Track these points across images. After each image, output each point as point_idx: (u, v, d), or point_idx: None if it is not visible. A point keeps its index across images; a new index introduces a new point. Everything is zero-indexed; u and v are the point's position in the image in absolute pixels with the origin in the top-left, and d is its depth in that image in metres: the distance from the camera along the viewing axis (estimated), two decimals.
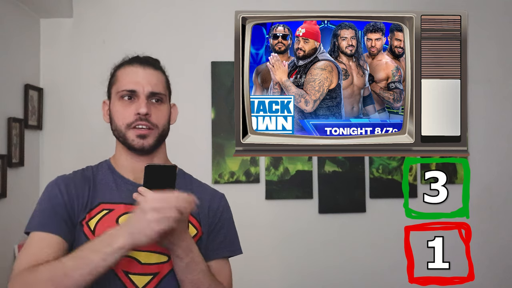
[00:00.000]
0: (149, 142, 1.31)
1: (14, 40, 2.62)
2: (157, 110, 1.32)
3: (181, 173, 1.42)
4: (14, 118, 2.56)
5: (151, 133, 1.31)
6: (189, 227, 1.32)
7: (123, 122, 1.30)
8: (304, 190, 2.93)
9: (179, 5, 2.96)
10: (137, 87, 1.31)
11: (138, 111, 1.28)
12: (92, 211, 1.29)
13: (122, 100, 1.32)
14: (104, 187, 1.33)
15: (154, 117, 1.31)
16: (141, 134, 1.30)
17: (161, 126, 1.33)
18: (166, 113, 1.36)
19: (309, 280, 2.91)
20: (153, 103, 1.32)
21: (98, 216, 1.29)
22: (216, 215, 1.38)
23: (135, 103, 1.30)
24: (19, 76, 2.67)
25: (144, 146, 1.30)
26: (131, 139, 1.30)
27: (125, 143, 1.32)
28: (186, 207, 1.16)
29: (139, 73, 1.32)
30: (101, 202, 1.30)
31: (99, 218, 1.28)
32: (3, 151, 2.48)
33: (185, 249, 1.21)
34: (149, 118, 1.30)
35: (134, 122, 1.29)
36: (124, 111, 1.31)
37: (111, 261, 1.13)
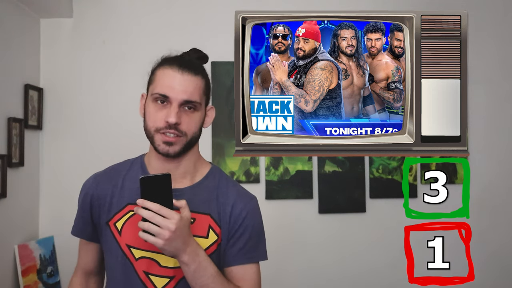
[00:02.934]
0: (175, 150, 1.29)
1: (14, 40, 2.62)
2: (189, 118, 1.29)
3: (212, 173, 1.40)
4: (14, 118, 2.56)
5: (179, 140, 1.28)
6: (209, 233, 1.32)
7: (153, 125, 1.28)
8: (304, 190, 2.93)
9: (179, 5, 2.96)
10: (170, 93, 1.27)
11: (168, 119, 1.26)
12: (120, 212, 1.33)
13: (155, 103, 1.28)
14: (133, 187, 1.34)
15: (184, 125, 1.28)
16: (167, 141, 1.27)
17: (191, 133, 1.30)
18: (199, 120, 1.32)
19: (309, 280, 2.91)
20: (185, 111, 1.28)
21: (125, 217, 1.33)
22: (237, 221, 1.33)
23: (167, 109, 1.27)
24: (19, 76, 2.67)
25: (169, 153, 1.29)
26: (157, 143, 1.29)
27: (152, 144, 1.31)
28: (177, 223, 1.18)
29: (176, 78, 1.28)
30: (128, 203, 1.33)
31: (126, 219, 1.33)
32: (3, 151, 2.48)
33: (191, 254, 1.21)
34: (178, 126, 1.27)
35: (163, 129, 1.27)
36: (156, 114, 1.28)
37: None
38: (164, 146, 1.28)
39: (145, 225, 1.17)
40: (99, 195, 1.36)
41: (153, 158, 1.35)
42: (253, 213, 1.37)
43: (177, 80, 1.28)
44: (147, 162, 1.38)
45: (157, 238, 1.16)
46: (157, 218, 1.16)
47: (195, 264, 1.22)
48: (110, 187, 1.36)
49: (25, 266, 2.51)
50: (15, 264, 2.51)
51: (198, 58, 1.37)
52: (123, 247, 1.31)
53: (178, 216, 1.17)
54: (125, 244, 1.31)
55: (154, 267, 1.29)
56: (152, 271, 1.29)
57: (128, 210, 1.33)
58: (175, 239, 1.17)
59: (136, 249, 1.30)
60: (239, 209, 1.34)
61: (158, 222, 1.16)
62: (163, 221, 1.16)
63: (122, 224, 1.32)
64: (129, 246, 1.31)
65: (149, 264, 1.29)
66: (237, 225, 1.34)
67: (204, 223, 1.31)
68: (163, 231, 1.16)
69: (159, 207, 1.17)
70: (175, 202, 1.21)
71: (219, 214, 1.33)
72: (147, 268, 1.29)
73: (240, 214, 1.34)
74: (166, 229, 1.16)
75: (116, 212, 1.34)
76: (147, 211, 1.17)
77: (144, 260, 1.30)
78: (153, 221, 1.16)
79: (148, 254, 1.30)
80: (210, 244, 1.31)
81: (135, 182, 1.31)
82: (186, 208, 1.22)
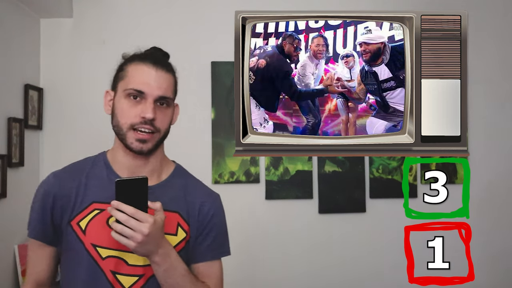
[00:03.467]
0: (148, 147, 1.29)
1: (14, 40, 2.62)
2: (163, 114, 1.30)
3: (178, 172, 1.42)
4: (14, 118, 2.56)
5: (152, 137, 1.29)
6: (178, 230, 1.33)
7: (126, 121, 1.28)
8: (304, 190, 2.92)
9: (179, 5, 2.96)
10: (147, 89, 1.27)
11: (144, 115, 1.26)
12: (84, 210, 1.30)
13: (129, 99, 1.28)
14: (97, 184, 1.33)
15: (159, 121, 1.29)
16: (141, 139, 1.28)
17: (164, 130, 1.32)
18: (170, 116, 1.34)
19: (309, 280, 2.91)
20: (159, 107, 1.29)
21: (89, 216, 1.29)
22: (205, 219, 1.37)
23: (142, 104, 1.27)
24: (19, 76, 2.67)
25: (142, 150, 1.29)
26: (130, 141, 1.28)
27: (123, 141, 1.30)
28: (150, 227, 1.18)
29: (151, 74, 1.29)
30: (94, 201, 1.31)
31: (90, 218, 1.29)
32: (3, 151, 2.48)
33: (163, 255, 1.23)
34: (153, 122, 1.28)
35: (138, 125, 1.27)
36: (129, 110, 1.28)
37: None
38: (137, 143, 1.28)
39: (118, 227, 1.17)
40: (63, 194, 1.31)
41: (120, 155, 1.34)
42: (219, 211, 1.42)
43: (152, 76, 1.29)
44: (111, 159, 1.36)
45: (129, 240, 1.17)
46: (131, 221, 1.16)
47: (166, 264, 1.23)
48: (74, 186, 1.32)
49: (25, 266, 2.51)
50: (15, 264, 2.51)
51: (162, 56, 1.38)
52: (88, 247, 1.28)
53: (152, 219, 1.18)
54: (90, 244, 1.28)
55: (122, 266, 1.28)
56: (120, 270, 1.27)
57: (93, 209, 1.30)
58: (148, 242, 1.18)
59: (103, 248, 1.28)
60: (207, 207, 1.38)
61: (132, 225, 1.16)
62: (137, 224, 1.16)
63: (86, 223, 1.29)
64: (95, 245, 1.28)
65: (117, 263, 1.27)
66: (206, 223, 1.37)
67: (173, 221, 1.32)
68: (136, 234, 1.16)
69: (134, 211, 1.17)
70: (150, 205, 1.21)
71: (188, 212, 1.35)
72: (114, 267, 1.27)
73: (209, 212, 1.38)
74: (139, 233, 1.16)
75: (79, 211, 1.30)
76: (121, 213, 1.17)
77: (111, 259, 1.27)
78: (127, 224, 1.16)
79: (115, 253, 1.28)
80: (179, 241, 1.33)
81: (99, 179, 1.32)
82: (161, 211, 1.23)
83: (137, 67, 1.31)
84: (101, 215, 1.28)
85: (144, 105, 1.27)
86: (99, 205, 1.29)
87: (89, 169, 1.36)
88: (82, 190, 1.32)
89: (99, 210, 1.29)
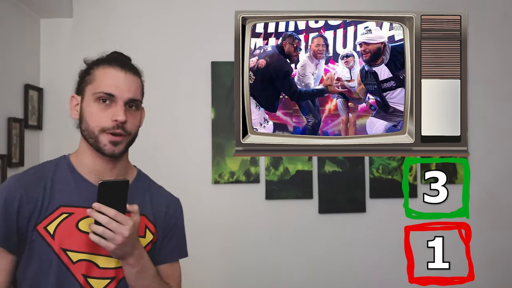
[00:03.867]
0: (120, 149, 1.29)
1: (14, 40, 2.62)
2: (132, 117, 1.30)
3: (141, 176, 1.43)
4: (14, 118, 2.56)
5: (123, 139, 1.29)
6: (146, 233, 1.36)
7: (97, 125, 1.27)
8: (304, 190, 2.92)
9: (179, 5, 2.96)
10: (117, 92, 1.27)
11: (116, 118, 1.25)
12: (51, 215, 1.26)
13: (98, 102, 1.27)
14: (64, 188, 1.30)
15: (129, 124, 1.29)
16: (114, 141, 1.27)
17: (134, 132, 1.32)
18: (139, 119, 1.35)
19: (309, 280, 2.91)
20: (129, 109, 1.29)
21: (57, 220, 1.26)
22: (171, 221, 1.41)
23: (112, 108, 1.27)
24: (19, 76, 2.67)
25: (114, 153, 1.28)
26: (103, 143, 1.27)
27: (95, 145, 1.28)
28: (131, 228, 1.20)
29: (120, 77, 1.28)
30: (61, 205, 1.27)
31: (58, 222, 1.26)
32: (3, 151, 2.48)
33: (137, 256, 1.25)
34: (125, 125, 1.27)
35: (110, 129, 1.26)
36: (100, 114, 1.27)
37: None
38: (110, 146, 1.27)
39: (99, 230, 1.17)
40: (28, 199, 1.25)
41: (87, 158, 1.32)
42: (181, 215, 1.46)
43: (121, 79, 1.28)
44: (76, 162, 1.33)
45: (109, 242, 1.18)
46: (113, 224, 1.18)
47: (139, 266, 1.25)
48: (40, 190, 1.27)
49: None
50: None
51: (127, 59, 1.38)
52: (58, 251, 1.25)
53: (132, 222, 1.20)
54: (60, 248, 1.25)
55: (93, 270, 1.27)
56: (91, 273, 1.26)
57: (61, 212, 1.26)
58: (126, 244, 1.20)
59: (74, 252, 1.25)
60: (172, 210, 1.43)
61: (113, 228, 1.18)
62: (118, 227, 1.18)
63: (54, 227, 1.25)
64: (65, 249, 1.25)
65: (88, 266, 1.26)
66: (171, 225, 1.41)
67: (141, 223, 1.33)
68: (116, 236, 1.18)
69: (115, 213, 1.18)
70: (128, 207, 1.23)
71: (154, 215, 1.38)
72: (86, 271, 1.26)
73: (174, 214, 1.43)
74: (119, 235, 1.18)
75: (46, 216, 1.26)
76: (103, 216, 1.18)
77: (82, 263, 1.26)
78: (108, 226, 1.17)
79: (86, 256, 1.26)
80: (147, 244, 1.35)
81: (64, 183, 1.30)
82: (137, 213, 1.24)
83: (105, 70, 1.30)
84: (70, 218, 1.26)
85: (115, 108, 1.27)
86: (67, 208, 1.27)
87: (53, 172, 1.32)
88: (48, 194, 1.28)
89: (67, 214, 1.27)
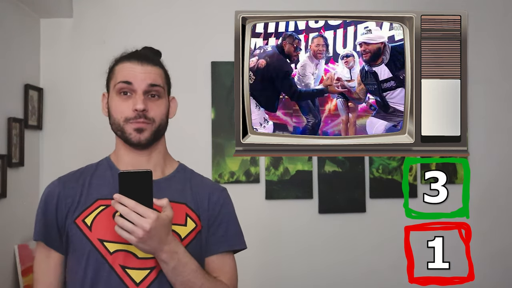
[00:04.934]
0: (146, 136, 1.30)
1: (14, 40, 2.62)
2: (154, 105, 1.31)
3: (182, 168, 1.42)
4: (14, 118, 2.56)
5: (148, 127, 1.30)
6: (187, 221, 1.32)
7: (121, 116, 1.30)
8: (304, 190, 2.92)
9: (179, 5, 2.96)
10: (134, 80, 1.30)
11: (135, 107, 1.28)
12: (89, 208, 1.30)
13: (119, 96, 1.31)
14: (101, 183, 1.33)
15: (152, 112, 1.30)
16: (138, 128, 1.29)
17: (158, 120, 1.32)
18: (164, 107, 1.34)
19: (309, 280, 2.91)
20: (150, 98, 1.31)
21: (95, 212, 1.29)
22: (215, 208, 1.36)
23: (132, 98, 1.30)
24: (19, 76, 2.67)
25: (140, 140, 1.30)
26: (129, 132, 1.30)
27: (123, 137, 1.32)
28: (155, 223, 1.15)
29: (136, 69, 1.31)
30: (98, 198, 1.31)
31: (96, 214, 1.29)
32: (3, 151, 2.48)
33: (169, 252, 1.19)
34: (146, 113, 1.29)
35: (132, 118, 1.29)
36: (121, 105, 1.30)
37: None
38: (135, 134, 1.29)
39: (119, 221, 1.15)
40: (66, 194, 1.31)
41: (123, 154, 1.35)
42: (228, 202, 1.41)
43: (138, 69, 1.31)
44: (115, 160, 1.37)
45: (130, 235, 1.15)
46: (132, 215, 1.14)
47: (174, 261, 1.20)
48: (78, 186, 1.33)
49: (25, 266, 2.51)
50: (15, 264, 2.51)
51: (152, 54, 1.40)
52: (95, 242, 1.26)
53: (154, 215, 1.14)
54: (97, 239, 1.26)
55: (131, 260, 1.25)
56: (129, 264, 1.25)
57: (98, 205, 1.29)
58: (150, 238, 1.15)
59: (110, 243, 1.26)
60: (216, 197, 1.38)
61: (133, 219, 1.14)
62: (138, 219, 1.14)
63: (92, 219, 1.28)
64: (102, 240, 1.26)
65: (126, 256, 1.25)
66: (216, 212, 1.36)
67: (181, 211, 1.31)
68: (137, 229, 1.14)
69: (134, 204, 1.14)
70: (156, 201, 1.18)
71: (196, 203, 1.34)
72: (123, 261, 1.24)
73: (218, 201, 1.37)
74: (140, 228, 1.13)
75: (84, 209, 1.30)
76: (123, 206, 1.15)
77: (120, 253, 1.25)
78: (128, 217, 1.14)
79: (123, 246, 1.25)
80: (189, 232, 1.31)
81: (102, 179, 1.33)
82: (168, 207, 1.20)
83: (123, 65, 1.33)
84: (107, 210, 1.28)
85: (134, 98, 1.29)
86: (104, 201, 1.29)
87: (93, 171, 1.37)
88: (86, 189, 1.32)
89: (104, 206, 1.29)
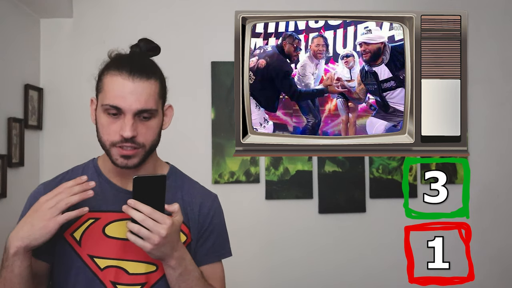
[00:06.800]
0: (134, 162, 1.21)
1: (14, 40, 2.62)
2: (146, 128, 1.20)
3: (173, 173, 1.36)
4: (14, 118, 2.56)
5: (137, 153, 1.20)
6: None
7: (107, 139, 1.20)
8: (304, 190, 2.92)
9: (179, 5, 2.96)
10: (122, 104, 1.17)
11: (122, 133, 1.17)
12: (77, 221, 1.23)
13: (107, 115, 1.20)
14: None
15: (141, 137, 1.19)
16: (125, 155, 1.19)
17: (149, 144, 1.22)
18: (157, 127, 1.24)
19: (309, 280, 2.91)
20: (141, 120, 1.20)
21: (84, 226, 1.23)
22: (206, 220, 1.32)
23: (121, 120, 1.18)
24: (19, 76, 2.67)
25: (128, 166, 1.21)
26: (115, 157, 1.20)
27: (108, 157, 1.23)
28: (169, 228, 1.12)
29: (127, 87, 1.17)
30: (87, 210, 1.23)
31: (85, 227, 1.23)
32: (3, 151, 2.48)
33: (178, 259, 1.17)
34: (135, 139, 1.19)
35: (119, 143, 1.19)
36: (109, 127, 1.20)
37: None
38: (122, 160, 1.20)
39: (135, 228, 1.11)
40: None
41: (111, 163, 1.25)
42: (219, 212, 1.37)
43: (128, 88, 1.17)
44: (102, 165, 1.30)
45: (145, 242, 1.11)
46: (148, 221, 1.11)
47: (181, 268, 1.18)
48: None
49: None
50: None
51: (150, 50, 1.31)
52: (85, 258, 1.22)
53: (170, 221, 1.12)
54: (87, 255, 1.22)
55: (122, 276, 1.22)
56: (120, 280, 1.21)
57: (86, 218, 1.22)
58: (164, 245, 1.12)
59: (101, 259, 1.22)
60: (207, 208, 1.33)
61: (149, 226, 1.10)
62: (154, 225, 1.11)
63: (81, 233, 1.22)
64: (92, 256, 1.22)
65: (117, 273, 1.21)
66: (206, 224, 1.32)
67: None
68: (153, 235, 1.10)
69: (151, 211, 1.11)
70: (168, 207, 1.16)
71: (187, 215, 1.30)
72: (114, 277, 1.21)
73: (209, 213, 1.33)
74: (156, 234, 1.10)
75: (72, 223, 1.22)
76: (138, 213, 1.11)
77: (111, 269, 1.21)
78: (144, 224, 1.10)
79: (114, 262, 1.22)
80: None
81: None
82: (179, 213, 1.17)
83: (112, 78, 1.20)
84: (96, 224, 1.23)
85: (122, 122, 1.18)
86: (93, 214, 1.22)
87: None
88: None
89: (93, 219, 1.23)
